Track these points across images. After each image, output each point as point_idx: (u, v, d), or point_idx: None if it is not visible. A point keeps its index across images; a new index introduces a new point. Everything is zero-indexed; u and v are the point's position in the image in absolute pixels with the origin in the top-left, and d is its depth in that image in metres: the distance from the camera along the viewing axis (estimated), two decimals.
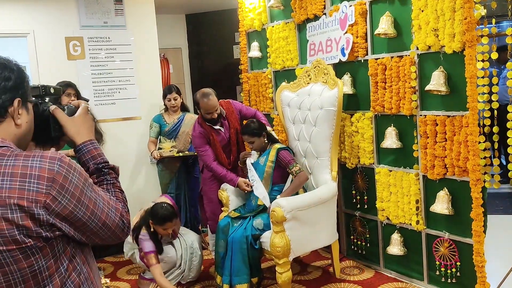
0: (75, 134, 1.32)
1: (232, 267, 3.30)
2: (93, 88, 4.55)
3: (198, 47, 6.70)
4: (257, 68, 4.86)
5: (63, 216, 1.12)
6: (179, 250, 3.69)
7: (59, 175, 1.11)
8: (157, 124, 4.38)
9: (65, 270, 1.17)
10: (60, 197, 1.11)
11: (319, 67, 3.78)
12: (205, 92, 3.68)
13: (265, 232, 3.36)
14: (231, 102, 3.98)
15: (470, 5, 2.77)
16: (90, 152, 1.32)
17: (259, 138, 3.56)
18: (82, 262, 1.23)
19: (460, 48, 2.91)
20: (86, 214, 1.16)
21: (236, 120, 3.89)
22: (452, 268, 3.22)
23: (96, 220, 1.19)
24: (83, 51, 4.50)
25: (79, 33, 4.47)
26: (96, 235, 1.22)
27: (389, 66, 3.42)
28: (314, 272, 3.88)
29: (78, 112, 1.36)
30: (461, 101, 2.97)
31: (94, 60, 4.54)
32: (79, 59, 4.49)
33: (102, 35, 4.57)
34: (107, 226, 1.22)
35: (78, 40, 4.48)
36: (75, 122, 1.33)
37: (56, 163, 1.12)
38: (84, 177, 1.18)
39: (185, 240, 3.74)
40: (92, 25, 4.53)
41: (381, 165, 3.64)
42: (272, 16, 4.55)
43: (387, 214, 3.62)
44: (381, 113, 3.56)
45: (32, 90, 1.28)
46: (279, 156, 3.49)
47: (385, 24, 3.35)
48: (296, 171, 3.45)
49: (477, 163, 2.86)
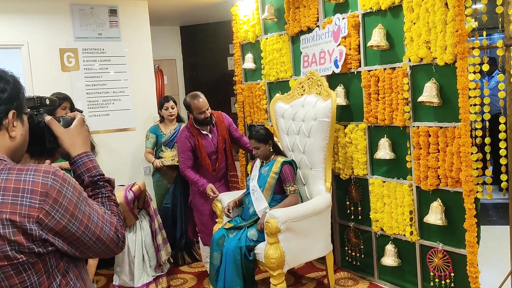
0: (70, 146, 1.31)
1: (226, 278, 3.28)
2: (87, 99, 4.56)
3: (192, 58, 6.73)
4: (251, 80, 4.89)
5: (56, 231, 1.10)
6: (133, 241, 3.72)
7: (53, 189, 1.09)
8: (154, 134, 4.39)
9: (58, 286, 1.15)
10: (53, 211, 1.09)
11: (313, 79, 3.81)
12: (194, 94, 3.82)
13: (259, 244, 3.35)
14: (222, 114, 4.07)
15: (461, 17, 2.81)
16: (85, 164, 1.31)
17: (265, 145, 3.57)
18: (75, 277, 1.21)
19: (452, 60, 2.94)
20: (80, 229, 1.14)
21: (225, 129, 3.97)
22: (446, 279, 3.22)
23: (90, 235, 1.17)
24: (77, 63, 4.51)
25: (74, 44, 4.48)
26: (90, 250, 1.20)
27: (382, 77, 3.45)
28: (309, 283, 3.87)
29: (74, 124, 1.34)
30: (453, 112, 3.00)
31: (89, 72, 4.55)
32: (73, 71, 4.50)
33: (97, 46, 4.58)
34: (102, 240, 1.20)
35: (73, 51, 4.49)
36: (70, 133, 1.32)
37: (50, 177, 1.10)
38: (78, 191, 1.16)
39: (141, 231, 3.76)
40: (87, 37, 4.54)
41: (375, 176, 3.66)
42: (266, 28, 4.59)
43: (381, 225, 3.62)
44: (374, 124, 3.58)
45: (27, 101, 1.28)
46: (282, 170, 3.49)
47: (377, 36, 3.39)
48: (291, 191, 3.46)
49: (470, 174, 2.88)
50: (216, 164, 3.94)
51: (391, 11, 3.37)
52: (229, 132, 4.06)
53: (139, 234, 3.76)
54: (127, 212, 3.60)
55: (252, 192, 3.58)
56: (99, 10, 4.59)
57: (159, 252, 3.83)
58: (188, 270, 4.33)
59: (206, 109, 3.80)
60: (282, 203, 3.44)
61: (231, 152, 3.98)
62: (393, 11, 3.35)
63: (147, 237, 3.80)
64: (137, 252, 3.74)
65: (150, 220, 3.85)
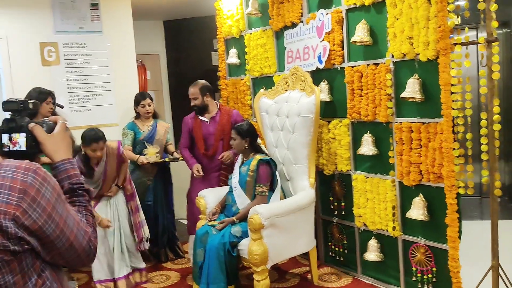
0: (53, 152, 1.29)
1: (209, 274, 3.26)
2: (68, 95, 4.48)
3: (176, 53, 6.66)
4: (235, 75, 4.86)
5: (31, 230, 1.08)
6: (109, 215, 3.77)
7: (32, 187, 1.07)
8: (131, 131, 4.31)
9: (33, 286, 1.12)
10: (30, 210, 1.07)
11: (297, 74, 3.80)
12: (194, 82, 4.12)
13: (243, 240, 3.34)
14: (233, 110, 4.19)
15: (444, 14, 2.82)
16: (67, 171, 1.29)
17: (241, 139, 3.55)
18: (52, 277, 1.18)
19: (434, 56, 2.96)
20: (55, 232, 1.12)
21: (227, 123, 4.07)
22: (428, 274, 3.25)
23: (64, 240, 1.15)
24: (58, 57, 4.43)
25: (54, 38, 4.40)
26: (60, 256, 1.18)
27: (365, 73, 3.46)
28: (292, 279, 3.87)
29: (57, 130, 1.32)
30: (436, 108, 3.02)
31: (70, 66, 4.47)
32: (54, 65, 4.42)
33: (78, 40, 4.51)
34: (74, 248, 1.18)
35: (53, 45, 4.41)
36: (54, 140, 1.30)
37: (30, 175, 1.08)
38: (57, 192, 1.14)
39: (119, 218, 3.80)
40: (68, 31, 4.46)
41: (358, 171, 3.67)
42: (250, 23, 4.56)
43: (364, 221, 3.64)
44: (358, 120, 3.59)
45: (9, 104, 1.27)
46: (258, 169, 3.47)
47: (361, 32, 3.39)
48: (259, 192, 3.44)
49: (452, 169, 2.90)
50: (209, 149, 4.08)
51: (375, 7, 3.37)
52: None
53: (115, 212, 3.81)
54: (114, 160, 3.73)
55: (234, 189, 3.57)
56: (80, 4, 4.51)
57: (140, 228, 3.89)
58: (172, 267, 4.30)
59: (193, 97, 4.05)
60: (246, 208, 3.41)
61: (228, 143, 3.97)
62: (377, 6, 3.35)
63: (123, 218, 3.84)
64: (115, 243, 3.75)
65: (126, 200, 3.89)
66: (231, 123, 4.05)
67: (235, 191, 3.56)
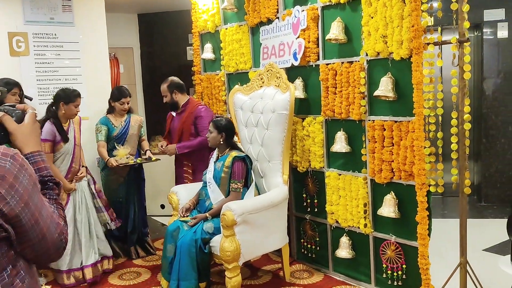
0: (23, 143, 1.26)
1: (180, 271, 3.22)
2: (37, 86, 4.35)
3: (150, 47, 6.57)
4: (210, 70, 4.82)
5: (8, 218, 1.04)
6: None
7: (10, 173, 1.04)
8: (105, 126, 4.19)
9: (8, 275, 1.08)
10: (9, 196, 1.03)
11: (272, 71, 3.78)
12: (165, 79, 4.27)
13: (215, 236, 3.31)
14: (200, 107, 4.19)
15: (417, 13, 2.84)
16: (37, 163, 1.26)
17: (217, 133, 3.52)
18: (25, 267, 1.14)
19: (408, 55, 2.98)
20: (30, 221, 1.09)
21: (188, 118, 4.16)
22: (398, 271, 3.28)
23: (37, 231, 1.11)
24: (28, 47, 4.30)
25: (23, 28, 4.27)
26: (31, 249, 1.13)
27: (339, 71, 3.47)
28: (264, 276, 3.86)
29: (27, 120, 1.29)
30: (408, 106, 3.04)
31: (39, 57, 4.35)
32: (23, 56, 4.28)
33: (48, 31, 4.38)
34: (46, 240, 1.14)
35: (22, 35, 4.27)
36: (24, 130, 1.27)
37: (9, 160, 1.05)
38: (34, 180, 1.11)
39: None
40: (38, 21, 4.33)
41: (331, 169, 3.68)
42: (226, 18, 4.52)
43: (336, 218, 3.65)
44: (332, 117, 3.60)
45: None
46: (233, 165, 3.45)
47: (336, 30, 3.39)
48: (233, 189, 3.42)
49: (423, 167, 2.93)
50: (171, 141, 4.30)
51: (350, 5, 3.38)
52: (194, 124, 4.14)
53: (82, 198, 3.87)
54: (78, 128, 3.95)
55: (209, 184, 3.53)
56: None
57: (110, 208, 4.09)
58: (142, 264, 4.23)
59: (163, 95, 4.21)
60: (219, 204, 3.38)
61: (180, 137, 4.21)
62: (352, 4, 3.36)
63: (90, 203, 3.93)
64: (84, 230, 3.80)
65: (88, 184, 3.99)
66: (192, 119, 4.13)
67: (209, 186, 3.53)
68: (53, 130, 3.66)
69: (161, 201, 5.60)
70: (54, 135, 3.66)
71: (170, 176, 4.83)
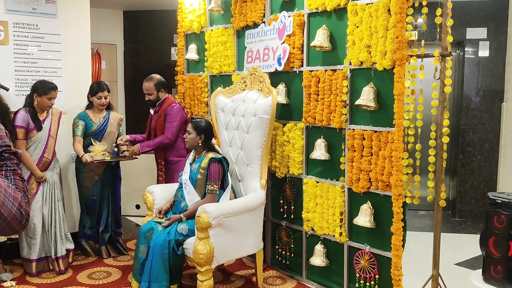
0: None
1: (152, 272, 3.16)
2: (15, 77, 4.25)
3: (134, 45, 6.50)
4: (193, 71, 4.78)
5: None
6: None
7: None
8: (83, 121, 4.11)
9: None
10: None
11: (255, 75, 3.77)
12: (148, 77, 4.20)
13: (189, 238, 3.26)
14: (172, 105, 4.13)
15: (402, 24, 2.86)
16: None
17: (196, 135, 3.47)
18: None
19: (391, 66, 3.00)
20: None
21: (160, 116, 4.12)
22: (371, 281, 3.28)
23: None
24: (7, 37, 4.19)
25: (4, 17, 4.16)
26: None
27: (322, 78, 3.47)
28: (237, 281, 3.82)
29: None
30: (388, 117, 3.06)
31: (19, 48, 4.24)
32: (2, 45, 4.18)
33: (30, 21, 4.28)
34: (2, 216, 1.10)
35: (2, 24, 4.17)
36: None
37: None
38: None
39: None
40: (19, 10, 4.23)
41: (309, 176, 3.67)
42: (212, 20, 4.50)
43: (312, 225, 3.64)
44: (312, 124, 3.59)
45: None
46: (209, 166, 3.41)
47: (321, 37, 3.40)
48: (209, 190, 3.37)
49: (400, 178, 2.94)
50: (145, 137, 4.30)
51: (336, 13, 3.39)
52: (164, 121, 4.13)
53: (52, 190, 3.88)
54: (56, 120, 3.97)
55: (184, 186, 3.49)
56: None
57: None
58: (113, 263, 4.15)
59: (147, 93, 4.15)
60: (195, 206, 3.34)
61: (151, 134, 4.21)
62: (338, 13, 3.37)
63: (59, 195, 3.95)
64: (57, 221, 3.88)
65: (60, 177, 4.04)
66: (164, 117, 4.12)
67: (185, 187, 3.48)
68: (27, 117, 3.74)
69: (137, 201, 5.51)
70: (27, 122, 3.73)
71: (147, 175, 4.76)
